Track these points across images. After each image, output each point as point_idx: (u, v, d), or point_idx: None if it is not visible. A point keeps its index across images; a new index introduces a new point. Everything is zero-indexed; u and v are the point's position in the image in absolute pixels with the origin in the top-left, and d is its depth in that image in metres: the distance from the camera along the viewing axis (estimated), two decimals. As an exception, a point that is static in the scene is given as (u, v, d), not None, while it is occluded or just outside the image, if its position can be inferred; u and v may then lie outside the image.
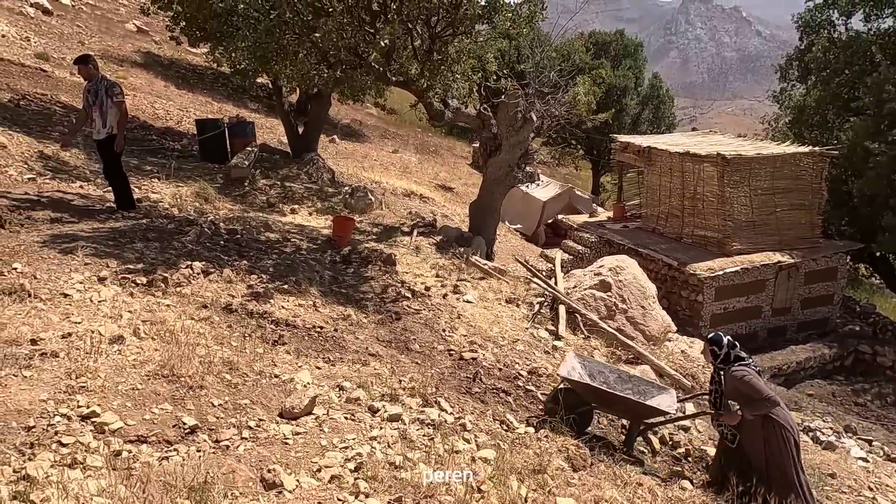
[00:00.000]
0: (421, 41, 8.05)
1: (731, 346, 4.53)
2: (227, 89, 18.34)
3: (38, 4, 16.40)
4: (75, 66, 7.09)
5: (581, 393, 4.92)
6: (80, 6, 18.57)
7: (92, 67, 6.80)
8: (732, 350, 4.52)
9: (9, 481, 2.65)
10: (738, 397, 4.47)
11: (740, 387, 4.39)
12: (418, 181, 16.47)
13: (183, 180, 9.42)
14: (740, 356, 4.51)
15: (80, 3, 18.78)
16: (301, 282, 6.41)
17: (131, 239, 6.19)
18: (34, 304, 4.28)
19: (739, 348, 4.57)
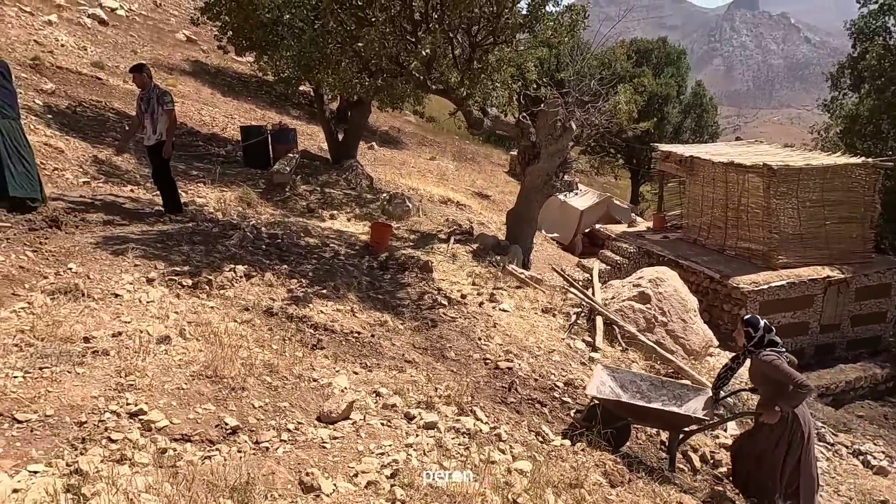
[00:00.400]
0: (461, 50, 8.10)
1: (767, 329, 4.35)
2: (270, 97, 18.80)
3: (95, 15, 17.14)
4: (130, 74, 7.37)
5: (613, 409, 4.77)
6: (133, 17, 19.33)
7: (146, 76, 7.06)
8: (768, 334, 4.33)
9: (62, 474, 2.76)
10: (766, 383, 4.30)
11: (769, 371, 4.21)
12: (455, 188, 16.52)
13: (227, 185, 9.68)
14: (774, 341, 4.34)
15: (134, 13, 19.55)
16: (339, 287, 6.49)
17: (178, 242, 6.38)
18: (87, 303, 4.46)
19: (775, 333, 4.39)
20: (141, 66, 7.12)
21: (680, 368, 6.89)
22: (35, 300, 4.27)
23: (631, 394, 4.98)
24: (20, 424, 3.03)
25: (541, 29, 7.09)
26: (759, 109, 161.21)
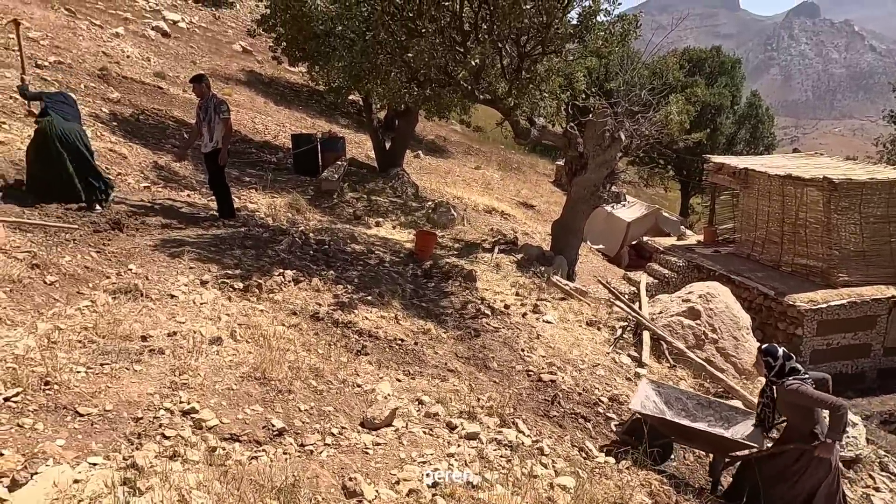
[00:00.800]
0: (509, 60, 8.11)
1: (786, 357, 4.22)
2: (320, 106, 19.25)
3: (158, 28, 17.98)
4: (190, 84, 7.68)
5: (657, 426, 4.64)
6: (194, 29, 20.18)
7: (205, 86, 7.33)
8: (788, 362, 4.21)
9: (119, 467, 2.87)
10: (795, 412, 4.14)
11: (797, 400, 4.07)
12: (500, 198, 16.49)
13: (278, 191, 9.94)
14: (795, 368, 4.20)
15: (195, 25, 20.40)
16: (384, 294, 6.56)
17: (231, 246, 6.59)
18: (145, 303, 4.65)
19: (795, 360, 4.26)
20: (200, 77, 7.40)
21: (731, 388, 6.64)
22: (98, 299, 4.48)
23: (676, 411, 4.82)
24: (81, 418, 3.18)
25: (591, 39, 7.02)
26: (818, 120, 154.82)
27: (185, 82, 15.00)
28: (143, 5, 19.41)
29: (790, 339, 10.96)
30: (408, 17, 7.50)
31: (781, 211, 12.15)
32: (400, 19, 7.57)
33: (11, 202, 5.92)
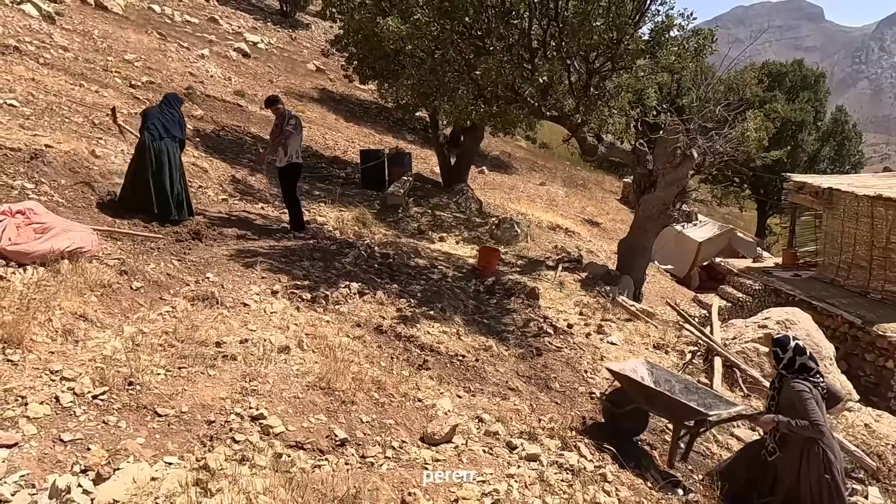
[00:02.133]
0: (577, 76, 8.03)
1: (797, 351, 4.05)
2: (388, 122, 19.70)
3: (240, 49, 19.01)
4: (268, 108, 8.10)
5: (626, 388, 4.77)
6: (272, 50, 21.20)
7: (280, 107, 7.71)
8: (799, 357, 4.03)
9: (192, 468, 3.00)
10: (792, 413, 3.96)
11: (795, 401, 3.94)
12: (564, 215, 16.27)
13: (345, 205, 10.22)
14: (808, 366, 4.03)
15: (273, 46, 21.44)
16: (446, 309, 6.59)
17: (300, 257, 6.81)
18: (221, 310, 4.87)
19: (809, 356, 4.07)
20: (273, 100, 7.81)
21: (812, 422, 6.22)
22: (178, 305, 4.73)
23: (662, 389, 4.77)
24: (160, 418, 3.35)
25: (664, 54, 6.85)
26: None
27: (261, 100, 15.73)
28: (227, 28, 20.59)
29: (879, 371, 10.15)
30: (476, 35, 7.58)
31: (870, 233, 11.34)
32: (468, 38, 7.66)
33: (106, 212, 6.37)
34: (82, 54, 12.17)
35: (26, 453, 2.81)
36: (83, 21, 14.33)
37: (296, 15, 25.42)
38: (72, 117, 8.59)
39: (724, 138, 8.67)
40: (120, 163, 7.71)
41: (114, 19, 15.88)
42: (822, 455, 3.93)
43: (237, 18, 22.23)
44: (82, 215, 6.22)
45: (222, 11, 21.96)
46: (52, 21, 13.14)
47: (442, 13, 7.24)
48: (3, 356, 3.38)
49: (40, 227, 4.51)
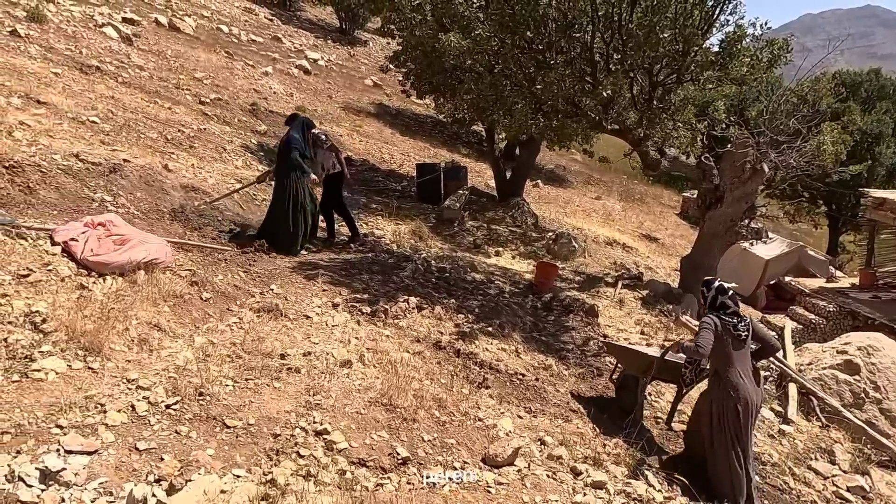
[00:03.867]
0: (640, 89, 7.83)
1: (720, 291, 4.38)
2: (443, 136, 19.84)
3: (301, 66, 19.61)
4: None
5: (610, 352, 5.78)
6: (331, 66, 21.77)
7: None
8: (721, 296, 4.37)
9: (259, 482, 3.03)
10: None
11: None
12: (622, 230, 15.87)
13: (402, 219, 10.29)
14: (725, 304, 4.34)
15: (332, 63, 22.02)
16: (504, 325, 6.49)
17: (359, 271, 6.88)
18: (284, 322, 4.95)
19: (731, 297, 4.37)
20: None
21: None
22: (244, 316, 4.84)
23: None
24: (228, 430, 3.40)
25: (735, 66, 6.58)
26: None
27: (321, 115, 16.17)
28: (289, 46, 21.31)
29: (972, 404, 9.33)
30: (537, 49, 7.51)
31: (960, 254, 10.53)
32: (529, 52, 7.60)
33: (177, 224, 6.62)
34: (157, 73, 12.82)
35: (105, 460, 2.89)
36: (158, 42, 15.12)
37: (354, 32, 26.06)
38: (147, 133, 9.03)
39: (798, 152, 8.23)
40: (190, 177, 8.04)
41: (185, 40, 16.69)
42: (722, 392, 4.24)
43: (299, 37, 22.97)
44: (155, 227, 6.48)
45: (285, 30, 22.75)
46: (130, 42, 13.92)
47: (503, 28, 7.22)
48: (84, 363, 3.52)
49: (119, 238, 4.71)
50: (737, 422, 4.20)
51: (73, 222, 4.82)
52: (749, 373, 4.33)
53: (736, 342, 4.27)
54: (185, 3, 20.08)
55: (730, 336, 4.25)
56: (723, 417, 4.22)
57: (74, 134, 7.62)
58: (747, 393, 4.23)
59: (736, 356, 4.28)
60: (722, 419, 4.22)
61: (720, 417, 4.23)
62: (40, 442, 2.85)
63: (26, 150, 6.35)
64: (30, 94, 8.19)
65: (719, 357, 4.29)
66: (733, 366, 4.25)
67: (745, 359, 4.34)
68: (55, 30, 12.10)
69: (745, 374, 4.29)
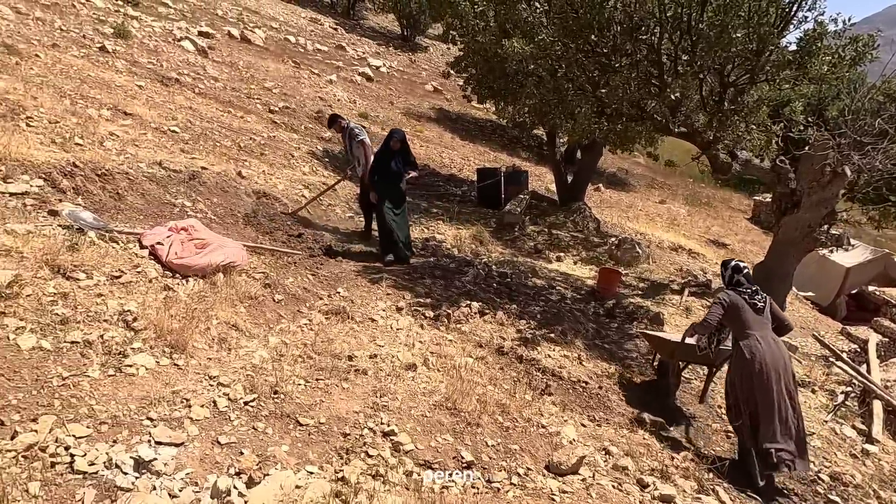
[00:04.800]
0: (710, 90, 7.58)
1: (735, 269, 4.74)
2: (502, 140, 19.82)
3: (364, 73, 20.09)
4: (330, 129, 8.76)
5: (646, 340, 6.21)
6: (392, 73, 22.18)
7: (343, 121, 8.35)
8: (737, 274, 4.71)
9: (331, 479, 3.14)
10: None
11: None
12: (687, 234, 15.36)
13: (462, 223, 10.37)
14: (739, 281, 4.67)
15: (393, 70, 22.43)
16: (567, 332, 6.43)
17: (422, 275, 6.99)
18: (351, 325, 5.10)
19: (746, 275, 4.69)
20: (333, 119, 8.42)
21: None
22: (314, 318, 5.02)
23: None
24: (301, 427, 3.55)
25: (814, 65, 6.27)
26: None
27: (383, 121, 16.51)
28: (352, 54, 21.86)
29: None
30: (601, 53, 7.41)
31: None
32: (593, 56, 7.51)
33: (250, 229, 6.94)
34: (230, 84, 13.47)
35: (190, 452, 3.08)
36: (230, 53, 15.87)
37: (415, 39, 26.45)
38: (222, 141, 9.50)
39: (884, 154, 7.74)
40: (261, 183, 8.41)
41: (256, 51, 17.44)
42: (740, 359, 4.49)
43: (362, 45, 23.53)
44: (230, 230, 6.81)
45: (349, 39, 23.35)
46: (205, 54, 14.68)
47: (567, 32, 7.16)
48: (170, 360, 3.75)
49: (200, 242, 4.99)
50: (750, 383, 4.42)
51: (159, 227, 5.15)
52: (770, 338, 4.50)
53: (752, 312, 4.54)
54: (256, 15, 20.98)
55: (745, 306, 4.54)
56: (743, 382, 4.46)
57: (157, 143, 8.12)
58: (763, 355, 4.41)
59: (753, 322, 4.52)
60: (742, 383, 4.46)
61: (740, 382, 4.49)
62: (133, 433, 3.07)
63: (115, 159, 6.82)
64: (118, 105, 8.79)
65: (737, 326, 4.57)
66: (752, 331, 4.49)
67: (764, 326, 4.54)
68: (138, 45, 12.91)
69: (764, 339, 4.48)
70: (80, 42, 11.49)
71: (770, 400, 4.37)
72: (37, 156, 6.04)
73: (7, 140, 6.01)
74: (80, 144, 6.95)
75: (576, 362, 5.82)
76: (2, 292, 3.59)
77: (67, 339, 3.53)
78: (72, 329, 3.62)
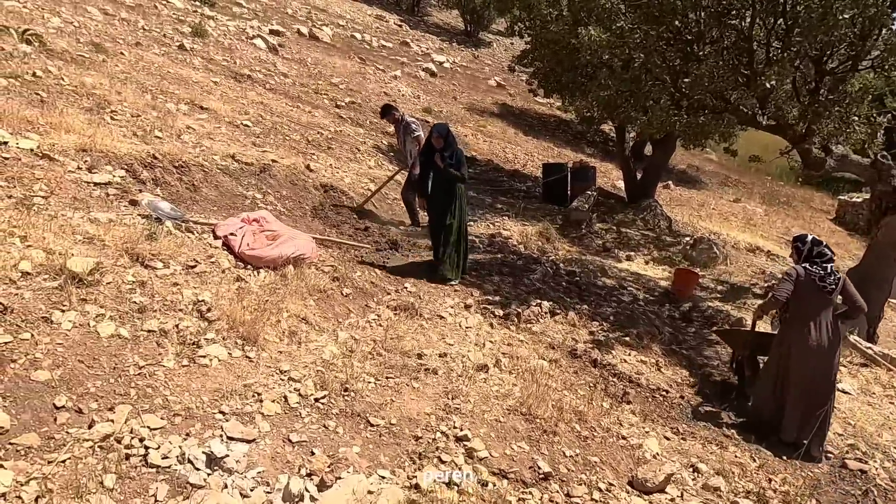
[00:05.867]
0: (804, 79, 6.95)
1: (815, 242, 4.49)
2: (566, 136, 19.26)
3: (427, 69, 19.99)
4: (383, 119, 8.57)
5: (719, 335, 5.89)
6: (455, 68, 21.99)
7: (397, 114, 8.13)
8: (817, 247, 4.46)
9: (404, 485, 2.95)
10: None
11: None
12: (765, 235, 14.42)
13: (528, 220, 10.04)
14: (822, 253, 4.43)
15: (457, 65, 22.24)
16: (642, 336, 6.03)
17: (489, 272, 6.74)
18: (419, 321, 4.92)
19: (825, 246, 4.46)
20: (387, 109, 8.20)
21: None
22: (382, 314, 4.88)
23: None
24: (372, 428, 3.38)
25: (935, 47, 5.59)
26: None
27: (446, 116, 16.34)
28: (416, 50, 21.81)
29: None
30: (685, 40, 6.92)
31: None
32: (675, 43, 7.02)
33: (317, 221, 6.89)
34: (298, 80, 13.63)
35: (262, 450, 2.97)
36: (300, 51, 16.10)
37: (479, 34, 26.15)
38: (291, 135, 9.56)
39: None
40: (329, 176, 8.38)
41: (323, 48, 17.63)
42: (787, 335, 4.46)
43: (425, 41, 23.45)
44: (299, 223, 6.79)
45: (413, 35, 23.32)
46: (276, 52, 14.94)
47: (648, 19, 6.72)
48: (242, 352, 3.68)
49: (271, 234, 4.93)
50: (787, 361, 4.39)
51: (232, 218, 5.13)
52: (825, 326, 4.34)
53: (818, 294, 4.33)
54: (324, 13, 21.26)
55: (813, 287, 4.33)
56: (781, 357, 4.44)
57: (230, 137, 8.23)
58: (811, 341, 4.31)
59: (814, 306, 4.34)
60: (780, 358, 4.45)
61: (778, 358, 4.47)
62: (206, 426, 2.98)
63: (192, 152, 6.92)
64: (194, 100, 8.98)
65: (796, 306, 4.39)
66: (808, 315, 4.34)
67: (823, 312, 4.35)
68: (214, 43, 13.26)
69: (819, 326, 4.33)
70: (160, 41, 11.88)
71: (800, 393, 4.38)
72: (120, 147, 6.18)
73: (93, 132, 6.18)
74: (160, 137, 7.10)
75: (653, 368, 5.43)
76: (84, 279, 3.60)
77: (145, 328, 3.50)
78: (149, 318, 3.60)
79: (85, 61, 8.73)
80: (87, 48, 9.39)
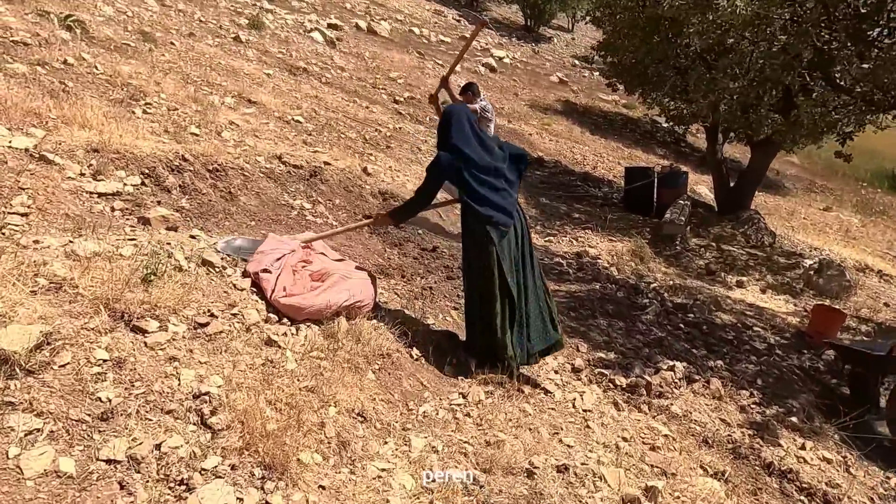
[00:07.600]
0: None
1: None
2: (634, 134, 17.20)
3: (487, 64, 18.24)
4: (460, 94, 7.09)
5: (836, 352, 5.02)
6: (516, 64, 20.13)
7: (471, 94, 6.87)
8: None
9: None
10: None
11: None
12: (869, 250, 12.08)
13: (613, 233, 8.25)
14: None
15: (517, 61, 20.37)
16: (807, 409, 4.23)
17: (591, 311, 5.04)
18: (520, 403, 3.27)
19: None
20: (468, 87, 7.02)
21: None
22: (470, 392, 3.26)
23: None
24: None
25: None
26: None
27: (509, 113, 14.60)
28: (475, 45, 20.05)
29: None
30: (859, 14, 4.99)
31: None
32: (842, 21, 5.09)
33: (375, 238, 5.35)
34: (356, 74, 12.17)
35: None
36: (357, 45, 14.65)
37: (539, 29, 24.16)
38: (346, 132, 8.08)
39: None
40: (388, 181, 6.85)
41: (381, 42, 16.15)
42: None
43: (484, 36, 21.65)
44: (353, 240, 5.29)
45: (471, 30, 21.59)
46: (333, 45, 13.54)
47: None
48: (261, 493, 2.13)
49: (317, 273, 3.39)
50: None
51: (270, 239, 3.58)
52: None
53: None
54: (382, 8, 19.77)
55: None
56: None
57: (279, 134, 6.80)
58: None
59: None
60: None
61: None
62: None
63: (231, 152, 5.50)
64: (242, 93, 7.61)
65: None
66: None
67: None
68: (270, 35, 11.95)
69: None
70: (215, 32, 10.64)
71: None
72: (142, 147, 4.78)
73: (110, 129, 4.80)
74: (196, 134, 5.71)
75: (842, 469, 3.63)
76: (20, 364, 2.14)
77: (102, 456, 2.01)
78: (115, 432, 2.10)
79: (128, 50, 7.46)
80: (134, 37, 8.14)
